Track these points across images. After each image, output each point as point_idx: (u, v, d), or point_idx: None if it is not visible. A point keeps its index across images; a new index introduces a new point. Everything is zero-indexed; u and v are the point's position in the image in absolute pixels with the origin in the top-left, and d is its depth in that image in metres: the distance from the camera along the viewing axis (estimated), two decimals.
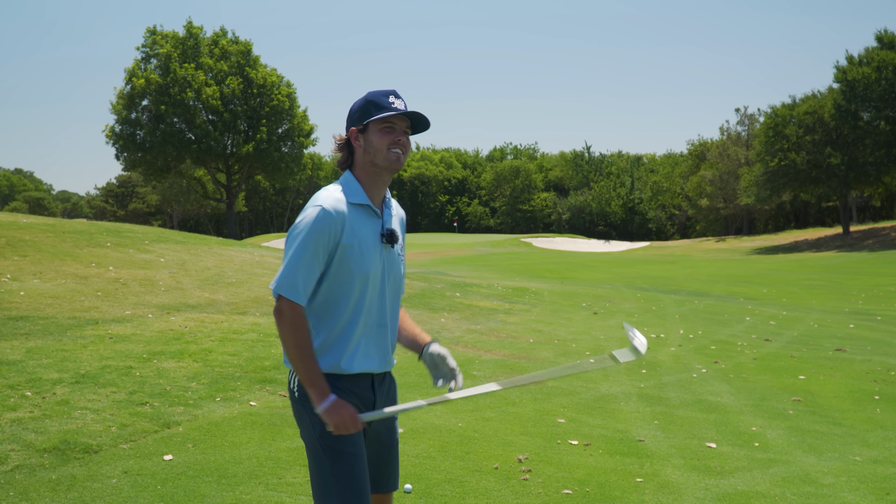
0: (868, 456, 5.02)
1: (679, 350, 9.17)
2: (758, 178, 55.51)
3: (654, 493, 4.14)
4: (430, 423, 5.27)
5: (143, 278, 10.53)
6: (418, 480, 4.14)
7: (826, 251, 45.27)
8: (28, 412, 4.78)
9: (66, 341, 6.73)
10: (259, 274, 12.53)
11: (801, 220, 76.96)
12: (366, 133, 2.37)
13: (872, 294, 19.58)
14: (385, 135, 2.35)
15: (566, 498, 4.01)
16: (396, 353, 2.57)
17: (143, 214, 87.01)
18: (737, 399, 6.57)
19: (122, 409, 5.03)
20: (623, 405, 6.18)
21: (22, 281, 9.26)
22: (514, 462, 4.54)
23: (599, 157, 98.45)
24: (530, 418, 5.59)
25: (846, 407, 6.45)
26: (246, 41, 55.33)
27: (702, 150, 78.77)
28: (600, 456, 4.75)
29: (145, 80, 50.60)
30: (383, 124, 2.35)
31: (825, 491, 4.28)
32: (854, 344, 10.29)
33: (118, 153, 52.90)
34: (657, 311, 13.89)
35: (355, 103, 2.41)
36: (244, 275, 12.23)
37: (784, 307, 15.91)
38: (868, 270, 27.94)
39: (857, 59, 51.02)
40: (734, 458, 4.85)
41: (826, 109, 51.58)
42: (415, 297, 12.58)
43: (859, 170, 50.27)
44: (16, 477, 3.85)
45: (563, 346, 9.11)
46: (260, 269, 13.07)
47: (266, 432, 4.86)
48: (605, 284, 21.59)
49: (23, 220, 14.47)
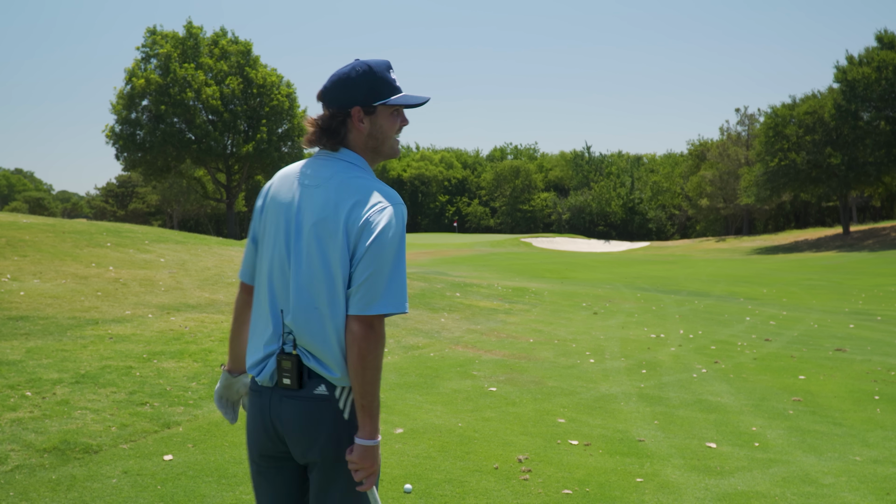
0: (868, 456, 5.02)
1: (679, 350, 9.18)
2: (758, 178, 55.52)
3: (654, 493, 4.14)
4: (430, 423, 5.27)
5: (143, 278, 10.53)
6: (418, 480, 4.14)
7: (826, 251, 45.28)
8: (28, 412, 4.78)
9: (66, 341, 6.73)
10: None
11: (801, 220, 76.99)
12: (374, 115, 2.11)
13: (872, 294, 19.58)
14: (395, 119, 2.15)
15: (566, 498, 4.01)
16: (398, 353, 2.57)
17: (143, 214, 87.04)
18: (737, 399, 6.57)
19: (122, 409, 5.03)
20: (623, 405, 6.18)
21: (22, 281, 9.26)
22: (514, 462, 4.54)
23: (599, 157, 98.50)
24: (530, 418, 5.59)
25: (846, 407, 6.45)
26: (246, 41, 55.34)
27: (702, 150, 78.81)
28: (600, 456, 4.75)
29: (145, 80, 50.60)
30: (394, 107, 2.13)
31: (825, 491, 4.28)
32: (854, 344, 10.29)
33: (118, 153, 52.90)
34: (657, 311, 13.89)
35: (354, 73, 2.09)
36: None
37: (784, 307, 15.91)
38: (868, 270, 27.94)
39: (858, 59, 51.02)
40: (734, 458, 4.85)
41: (826, 109, 51.58)
42: (415, 297, 12.58)
43: (859, 170, 50.28)
44: (16, 477, 3.85)
45: (563, 346, 9.11)
46: None
47: None
48: (606, 284, 21.59)
49: (23, 220, 14.47)
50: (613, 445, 5.00)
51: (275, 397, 2.07)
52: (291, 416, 2.04)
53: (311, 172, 2.10)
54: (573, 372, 7.49)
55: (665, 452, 4.89)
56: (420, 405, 5.79)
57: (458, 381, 6.75)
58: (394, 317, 10.17)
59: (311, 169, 2.12)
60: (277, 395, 2.06)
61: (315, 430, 2.03)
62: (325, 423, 2.02)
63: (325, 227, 2.00)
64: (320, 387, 2.02)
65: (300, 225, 2.04)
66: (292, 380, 2.02)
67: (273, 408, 2.07)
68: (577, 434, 5.22)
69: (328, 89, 2.12)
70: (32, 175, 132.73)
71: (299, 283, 2.01)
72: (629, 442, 5.10)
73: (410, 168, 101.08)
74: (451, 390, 6.36)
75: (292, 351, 2.03)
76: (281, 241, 2.07)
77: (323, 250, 1.99)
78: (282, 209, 2.09)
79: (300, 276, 2.02)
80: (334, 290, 1.98)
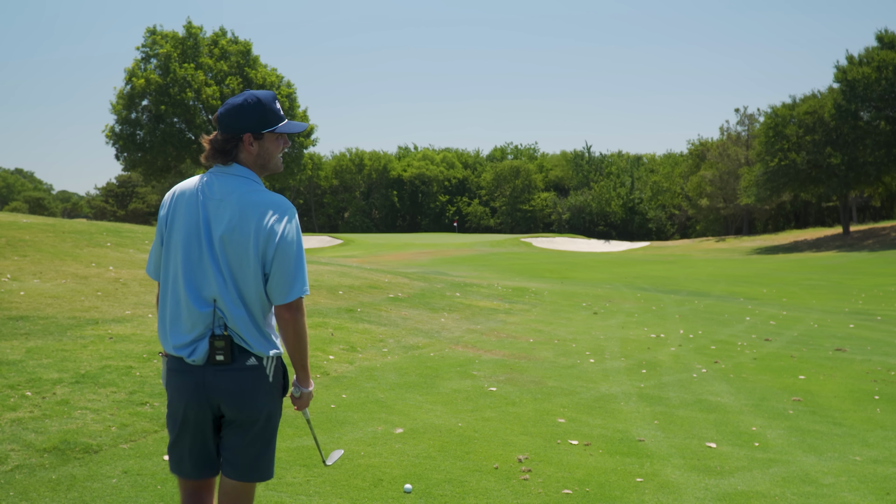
0: (868, 456, 5.02)
1: (679, 350, 9.18)
2: (758, 178, 55.53)
3: (654, 492, 4.14)
4: (430, 423, 5.27)
5: (143, 278, 10.53)
6: (418, 480, 4.14)
7: (826, 251, 45.29)
8: (28, 412, 4.78)
9: (66, 341, 6.73)
10: None
11: (801, 220, 76.99)
12: (261, 140, 2.56)
13: (872, 294, 19.58)
14: (279, 143, 2.63)
15: (566, 498, 4.01)
16: (398, 353, 2.66)
17: (143, 214, 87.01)
18: (737, 399, 6.57)
19: (122, 408, 5.03)
20: (623, 405, 6.18)
21: (22, 281, 9.26)
22: (514, 462, 4.54)
23: (599, 156, 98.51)
24: (530, 418, 5.59)
25: (846, 407, 6.46)
26: (245, 41, 55.33)
27: (702, 150, 78.77)
28: (600, 456, 4.75)
29: (145, 80, 50.61)
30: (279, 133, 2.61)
31: (825, 491, 4.28)
32: (854, 344, 10.29)
33: (118, 153, 52.89)
34: (657, 310, 13.89)
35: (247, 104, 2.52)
36: None
37: (784, 307, 15.91)
38: (868, 270, 27.94)
39: (858, 59, 51.03)
40: (734, 458, 4.85)
41: (826, 109, 51.59)
42: (415, 296, 12.59)
43: (859, 170, 50.28)
44: (16, 477, 3.85)
45: (563, 345, 9.11)
46: None
47: None
48: (605, 284, 21.58)
49: (23, 220, 14.46)
50: (613, 445, 5.00)
51: (208, 373, 2.49)
52: (230, 385, 2.49)
53: (214, 188, 2.52)
54: (573, 372, 7.49)
55: (665, 452, 4.89)
56: (420, 405, 5.79)
57: (458, 380, 6.76)
58: (393, 317, 10.22)
59: (212, 185, 2.53)
60: (211, 370, 2.49)
61: (253, 394, 2.52)
62: (260, 388, 2.53)
63: (235, 235, 2.45)
64: (251, 359, 2.51)
65: (210, 234, 2.48)
66: (226, 356, 2.47)
67: (208, 382, 2.49)
68: (577, 434, 5.22)
69: (223, 115, 2.55)
70: (32, 175, 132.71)
71: (220, 282, 2.47)
72: (629, 442, 5.10)
73: (411, 168, 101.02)
74: (451, 390, 6.37)
75: (223, 333, 2.47)
76: (195, 247, 2.49)
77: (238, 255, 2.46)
78: (192, 220, 2.50)
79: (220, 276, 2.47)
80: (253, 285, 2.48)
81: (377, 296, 12.17)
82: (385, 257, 36.47)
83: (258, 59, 55.40)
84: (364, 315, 10.07)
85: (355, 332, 8.65)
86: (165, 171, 55.42)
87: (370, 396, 5.95)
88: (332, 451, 3.23)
